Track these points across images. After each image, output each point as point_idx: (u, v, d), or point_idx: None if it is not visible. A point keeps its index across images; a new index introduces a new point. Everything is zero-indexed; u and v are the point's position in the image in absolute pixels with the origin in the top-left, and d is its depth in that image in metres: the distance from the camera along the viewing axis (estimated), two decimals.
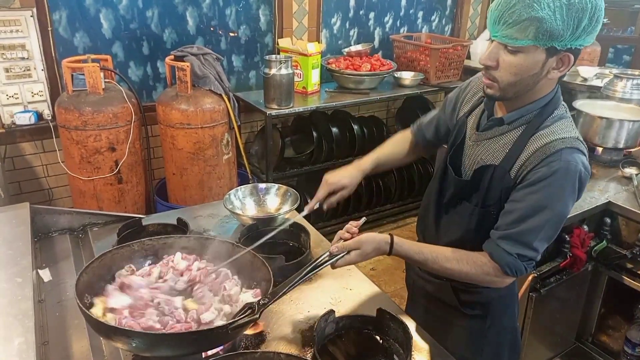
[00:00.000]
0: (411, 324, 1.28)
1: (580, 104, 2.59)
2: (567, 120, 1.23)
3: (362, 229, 1.30)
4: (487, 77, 1.19)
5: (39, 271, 1.43)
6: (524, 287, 1.99)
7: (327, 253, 1.22)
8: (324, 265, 1.21)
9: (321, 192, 1.48)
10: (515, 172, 1.21)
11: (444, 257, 1.26)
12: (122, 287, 1.15)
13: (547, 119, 1.21)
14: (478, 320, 1.44)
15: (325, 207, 1.49)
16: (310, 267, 1.19)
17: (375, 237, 1.25)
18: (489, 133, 1.29)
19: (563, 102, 1.25)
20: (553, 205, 1.17)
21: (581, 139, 1.21)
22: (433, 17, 4.12)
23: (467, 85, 1.45)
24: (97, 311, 1.09)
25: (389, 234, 1.28)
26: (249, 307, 1.04)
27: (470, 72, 3.87)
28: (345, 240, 1.25)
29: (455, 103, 1.46)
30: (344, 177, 1.50)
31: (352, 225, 1.28)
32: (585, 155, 1.19)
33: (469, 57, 3.98)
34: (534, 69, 1.13)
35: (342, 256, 1.22)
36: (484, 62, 1.17)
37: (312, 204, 1.47)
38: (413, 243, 1.31)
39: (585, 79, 3.14)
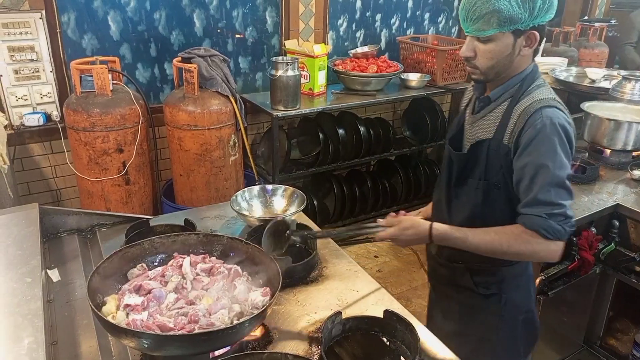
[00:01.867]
0: (418, 325, 1.27)
1: (588, 105, 2.57)
2: (545, 87, 1.37)
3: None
4: (469, 66, 1.38)
5: (48, 271, 1.45)
6: None
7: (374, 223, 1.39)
8: (369, 231, 1.40)
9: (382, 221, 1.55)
10: (507, 139, 1.33)
11: (484, 230, 1.33)
12: (136, 287, 1.16)
13: (527, 90, 1.36)
14: (494, 299, 1.50)
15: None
16: (356, 229, 1.43)
17: (415, 220, 1.38)
18: (481, 113, 1.44)
19: (541, 76, 1.40)
20: (550, 160, 1.26)
21: (559, 100, 1.34)
22: (440, 19, 4.11)
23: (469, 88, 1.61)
24: (110, 308, 1.10)
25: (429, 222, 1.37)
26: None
27: None
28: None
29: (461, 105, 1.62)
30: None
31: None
32: (564, 112, 1.31)
33: None
34: (506, 51, 1.31)
35: (384, 229, 1.36)
36: (464, 55, 1.36)
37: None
38: (450, 226, 1.38)
39: (593, 81, 3.13)
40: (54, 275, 1.44)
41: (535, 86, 1.36)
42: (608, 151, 2.49)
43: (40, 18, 2.58)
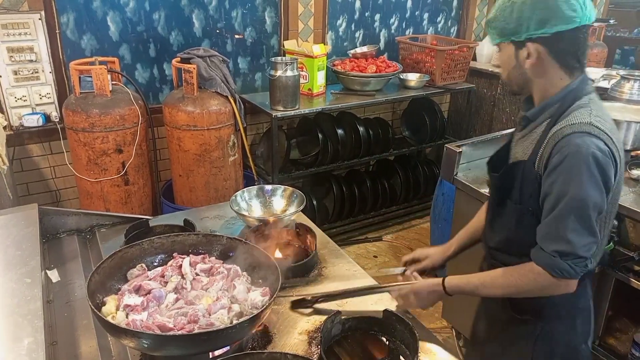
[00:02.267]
0: (417, 325, 1.28)
1: None
2: (586, 108, 1.22)
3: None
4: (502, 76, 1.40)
5: (48, 272, 1.45)
6: None
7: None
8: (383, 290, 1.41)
9: (407, 256, 1.64)
10: (537, 164, 1.25)
11: (493, 277, 1.33)
12: (135, 288, 1.17)
13: (567, 110, 1.24)
14: (529, 326, 1.40)
15: (408, 272, 1.56)
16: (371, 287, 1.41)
17: (425, 281, 1.41)
18: (523, 132, 1.37)
19: (591, 93, 1.27)
20: (571, 191, 1.16)
21: (598, 124, 1.18)
22: (439, 19, 4.12)
23: None
24: (109, 309, 1.10)
25: (442, 278, 1.38)
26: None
27: (476, 73, 3.86)
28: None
29: None
30: (430, 249, 1.66)
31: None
32: (599, 138, 1.16)
33: (474, 59, 3.98)
34: (510, 62, 1.29)
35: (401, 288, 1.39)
36: (495, 64, 1.38)
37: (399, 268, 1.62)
38: (462, 277, 1.38)
39: (592, 81, 3.13)
40: (54, 275, 1.44)
41: (576, 106, 1.23)
42: None
43: (39, 19, 2.58)
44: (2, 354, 0.99)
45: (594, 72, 3.09)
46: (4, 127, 2.53)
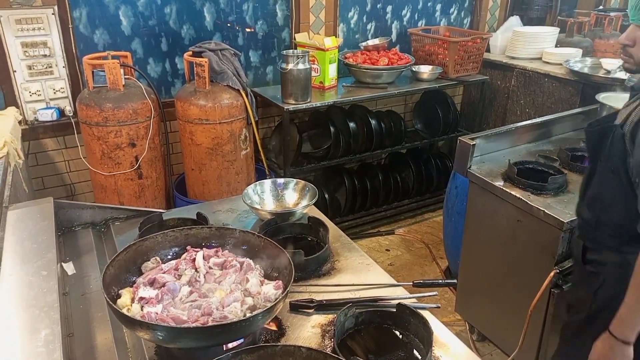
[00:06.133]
0: (431, 318, 1.27)
1: (604, 96, 2.54)
2: None
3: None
4: (624, 54, 1.42)
5: (63, 264, 1.46)
6: (545, 283, 1.96)
7: None
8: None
9: None
10: (627, 126, 1.36)
11: (631, 290, 1.35)
12: (150, 281, 1.17)
13: None
14: (596, 278, 1.54)
15: None
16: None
17: (597, 348, 1.42)
18: (629, 102, 1.47)
19: None
20: None
21: None
22: (452, 10, 4.07)
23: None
24: (124, 301, 1.11)
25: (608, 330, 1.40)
26: None
27: (490, 65, 3.81)
28: None
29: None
30: None
31: None
32: None
33: (488, 50, 3.93)
34: None
35: None
36: (623, 42, 1.39)
37: None
38: (617, 314, 1.38)
39: (608, 72, 3.08)
40: (69, 268, 1.46)
41: None
42: None
43: (52, 14, 2.59)
44: (21, 345, 1.00)
45: (611, 63, 3.04)
46: (19, 122, 2.56)
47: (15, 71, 2.61)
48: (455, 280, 1.59)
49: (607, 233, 1.50)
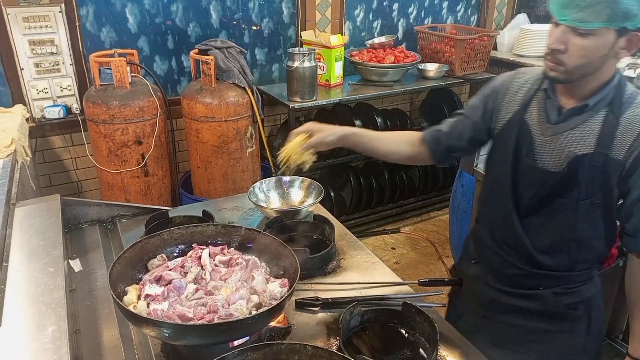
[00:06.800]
0: (437, 317, 1.26)
1: None
2: None
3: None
4: (553, 61, 1.18)
5: (70, 261, 1.47)
6: None
7: None
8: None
9: (298, 129, 1.55)
10: (622, 155, 1.18)
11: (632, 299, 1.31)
12: (156, 278, 1.18)
13: (625, 96, 1.20)
14: (583, 320, 1.39)
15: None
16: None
17: None
18: (569, 123, 1.24)
19: None
20: None
21: None
22: (458, 7, 4.05)
23: (499, 87, 1.40)
24: (131, 298, 1.12)
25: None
26: None
27: (497, 63, 3.79)
28: None
29: (485, 109, 1.41)
30: (324, 126, 1.59)
31: None
32: None
33: (495, 48, 3.90)
34: (602, 50, 1.13)
35: None
36: (553, 47, 1.16)
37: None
38: (631, 336, 1.32)
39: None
40: (76, 265, 1.47)
41: (634, 92, 1.21)
42: None
43: (59, 11, 2.61)
44: (28, 341, 1.01)
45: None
46: (27, 119, 2.58)
47: (22, 69, 2.62)
48: (461, 279, 1.55)
49: (585, 267, 1.36)
